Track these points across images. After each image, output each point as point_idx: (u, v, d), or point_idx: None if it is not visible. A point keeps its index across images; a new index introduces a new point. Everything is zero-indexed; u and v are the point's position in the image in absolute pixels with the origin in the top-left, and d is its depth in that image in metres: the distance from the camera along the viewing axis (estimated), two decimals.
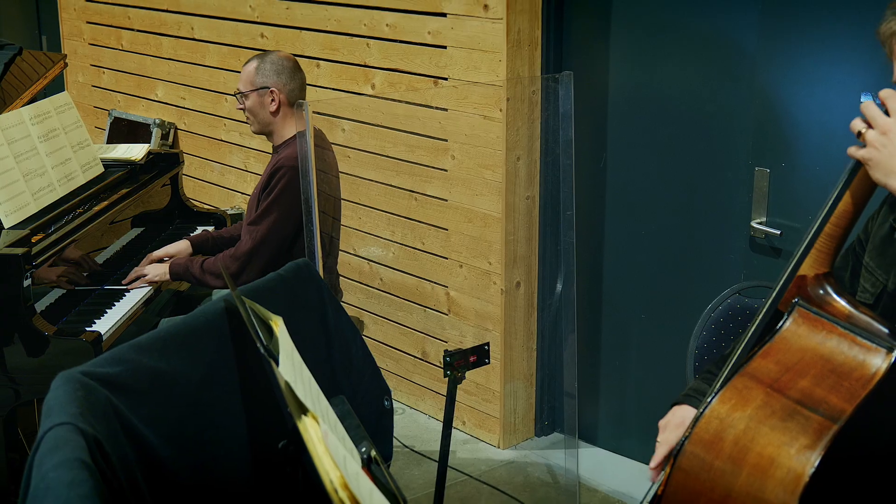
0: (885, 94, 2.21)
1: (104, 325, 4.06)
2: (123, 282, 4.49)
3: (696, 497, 2.10)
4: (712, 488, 2.08)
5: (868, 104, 2.22)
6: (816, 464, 2.00)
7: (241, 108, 4.65)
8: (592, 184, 4.85)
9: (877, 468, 2.22)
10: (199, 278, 4.41)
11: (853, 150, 2.23)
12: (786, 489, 2.00)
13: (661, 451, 2.52)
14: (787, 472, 2.01)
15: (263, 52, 4.71)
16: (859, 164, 2.25)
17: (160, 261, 4.62)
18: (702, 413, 2.16)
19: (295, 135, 4.52)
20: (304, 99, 4.63)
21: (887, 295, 2.36)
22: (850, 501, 2.19)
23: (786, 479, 2.00)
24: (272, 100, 4.54)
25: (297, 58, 5.49)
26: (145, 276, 4.50)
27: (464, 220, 4.99)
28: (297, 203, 4.33)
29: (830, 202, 2.29)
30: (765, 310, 2.32)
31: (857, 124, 2.23)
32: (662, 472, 2.28)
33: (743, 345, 2.33)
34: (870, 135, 2.19)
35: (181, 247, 4.71)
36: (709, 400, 2.17)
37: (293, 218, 4.39)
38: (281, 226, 4.39)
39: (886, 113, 2.19)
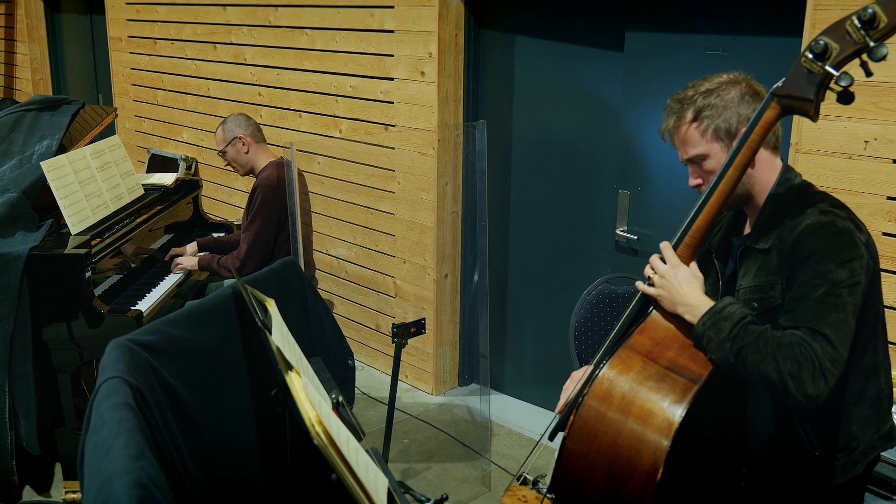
0: (662, 245, 2.20)
1: (144, 305, 4.03)
2: (171, 269, 4.54)
3: (594, 438, 2.06)
4: (605, 432, 2.06)
5: (654, 257, 2.20)
6: (683, 414, 1.99)
7: (226, 165, 4.64)
8: (500, 202, 4.87)
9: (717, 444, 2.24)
10: (216, 270, 4.47)
11: (644, 287, 2.22)
12: (661, 433, 1.99)
13: (563, 399, 2.50)
14: (662, 420, 2.00)
15: (223, 119, 4.66)
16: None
17: (182, 255, 4.65)
18: (596, 375, 2.12)
19: (267, 164, 4.53)
20: (262, 135, 4.63)
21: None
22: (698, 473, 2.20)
23: (661, 425, 2.00)
24: (243, 143, 4.53)
25: (283, 110, 5.46)
26: (182, 265, 4.53)
27: (406, 229, 5.00)
28: (272, 212, 4.37)
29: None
30: (636, 298, 2.27)
31: (648, 271, 2.22)
32: (568, 417, 2.24)
33: (621, 323, 2.27)
34: (655, 279, 2.18)
35: (191, 247, 4.73)
36: (602, 364, 2.14)
37: (271, 222, 4.39)
38: (264, 229, 4.38)
39: (663, 260, 2.19)
